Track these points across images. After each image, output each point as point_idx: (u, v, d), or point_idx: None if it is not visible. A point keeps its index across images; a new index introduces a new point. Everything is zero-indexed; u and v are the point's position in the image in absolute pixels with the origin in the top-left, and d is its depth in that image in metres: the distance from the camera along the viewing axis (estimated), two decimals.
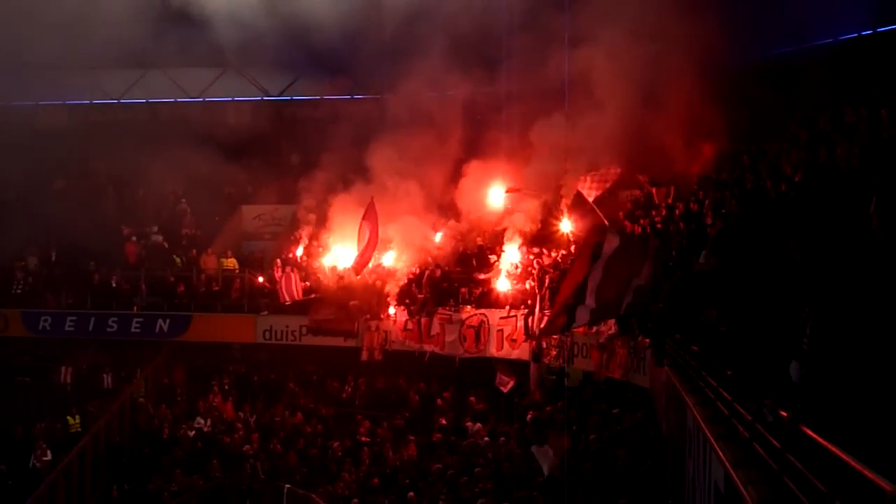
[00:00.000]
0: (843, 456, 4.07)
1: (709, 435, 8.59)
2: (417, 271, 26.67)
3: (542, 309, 21.81)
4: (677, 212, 21.41)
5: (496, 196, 28.11)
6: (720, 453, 7.70)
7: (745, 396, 7.12)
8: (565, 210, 25.20)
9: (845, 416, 4.59)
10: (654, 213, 22.68)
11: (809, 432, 4.76)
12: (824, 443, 4.40)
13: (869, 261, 4.75)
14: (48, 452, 25.83)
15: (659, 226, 21.09)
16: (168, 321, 29.58)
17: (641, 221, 22.23)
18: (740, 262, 7.04)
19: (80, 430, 26.96)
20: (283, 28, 31.71)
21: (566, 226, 24.65)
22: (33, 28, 30.11)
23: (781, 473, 5.46)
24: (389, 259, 28.03)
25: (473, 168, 28.07)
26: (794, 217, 10.37)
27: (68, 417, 27.22)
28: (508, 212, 27.02)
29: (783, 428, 5.47)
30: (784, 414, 5.30)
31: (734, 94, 24.06)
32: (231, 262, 31.92)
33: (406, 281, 26.67)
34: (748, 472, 6.50)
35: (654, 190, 24.09)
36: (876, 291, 4.62)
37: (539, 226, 26.11)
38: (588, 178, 25.20)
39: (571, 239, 24.11)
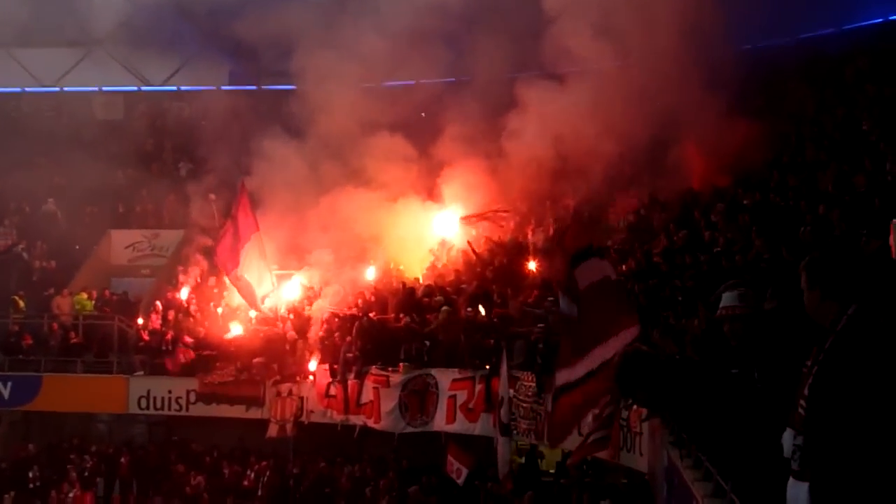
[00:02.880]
0: None
1: None
2: (342, 316, 26.53)
3: (510, 368, 21.77)
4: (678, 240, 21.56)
5: (445, 223, 28.37)
6: None
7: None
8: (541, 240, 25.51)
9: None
10: (653, 242, 22.87)
11: None
12: None
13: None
14: None
15: (657, 258, 21.24)
16: (10, 385, 29.08)
17: (638, 254, 22.37)
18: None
19: None
20: None
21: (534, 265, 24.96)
22: None
23: None
24: (294, 289, 27.97)
25: (413, 183, 28.33)
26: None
27: None
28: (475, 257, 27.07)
29: None
30: None
31: (757, 90, 24.48)
32: (88, 304, 31.55)
33: (326, 330, 26.52)
34: None
35: (654, 213, 24.34)
36: None
37: (504, 261, 26.17)
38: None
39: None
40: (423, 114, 30.14)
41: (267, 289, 28.36)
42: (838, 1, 25.78)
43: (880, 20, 26.12)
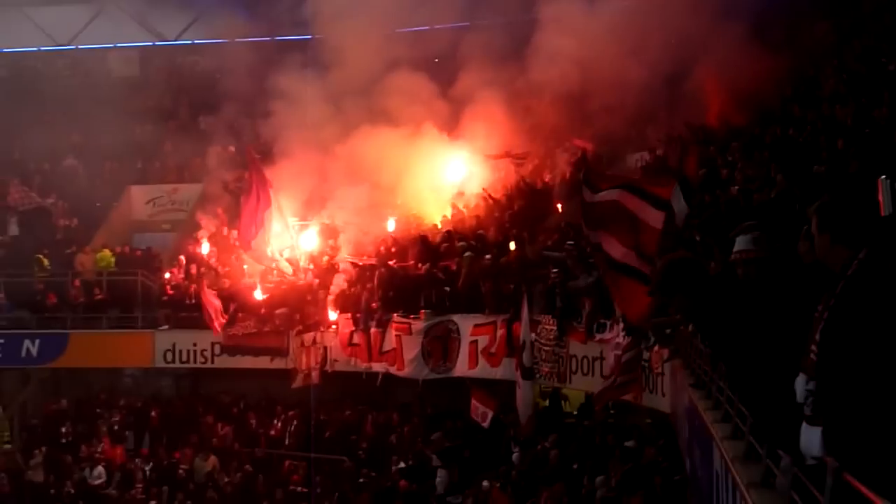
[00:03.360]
0: None
1: (738, 480, 8.54)
2: (361, 265, 26.52)
3: (531, 313, 21.75)
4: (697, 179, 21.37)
5: (466, 163, 28.28)
6: None
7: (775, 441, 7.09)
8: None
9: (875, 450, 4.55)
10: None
11: (856, 483, 4.72)
12: (872, 496, 4.35)
13: None
14: None
15: None
16: (37, 342, 29.27)
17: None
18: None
19: None
20: None
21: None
22: None
23: None
24: (311, 240, 27.99)
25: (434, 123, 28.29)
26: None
27: None
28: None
29: (825, 476, 5.42)
30: (828, 460, 5.24)
31: (775, 23, 24.17)
32: (111, 260, 31.64)
33: (347, 280, 26.54)
34: None
35: (668, 151, 24.15)
36: None
37: (522, 205, 26.07)
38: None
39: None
40: (436, 59, 29.88)
41: (286, 242, 28.24)
42: None
43: None
